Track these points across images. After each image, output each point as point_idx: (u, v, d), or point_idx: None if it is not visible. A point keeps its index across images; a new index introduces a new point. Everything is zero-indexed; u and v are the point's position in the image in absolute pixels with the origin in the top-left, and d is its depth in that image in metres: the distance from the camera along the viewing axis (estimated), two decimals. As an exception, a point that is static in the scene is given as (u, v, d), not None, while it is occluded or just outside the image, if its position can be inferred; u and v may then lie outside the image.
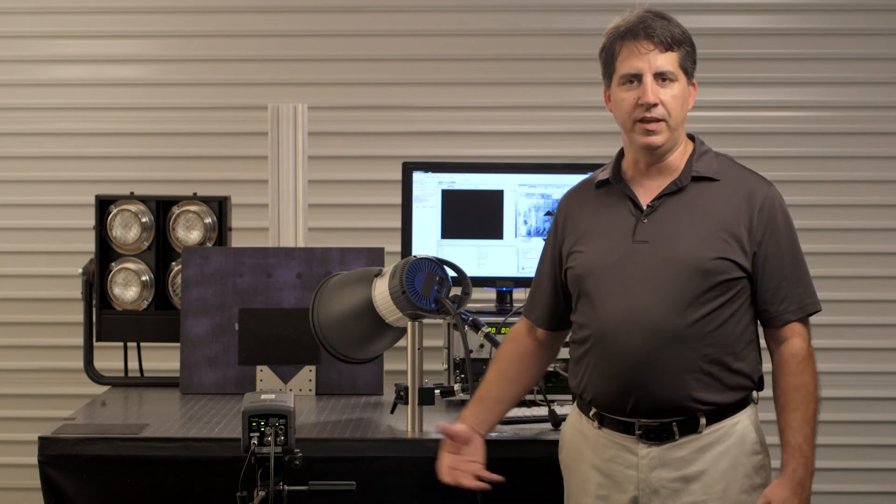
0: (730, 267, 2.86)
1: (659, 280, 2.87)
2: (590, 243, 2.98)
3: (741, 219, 2.88)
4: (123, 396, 4.01)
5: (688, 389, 2.86)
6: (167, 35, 4.89)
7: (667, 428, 2.89)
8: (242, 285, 3.98)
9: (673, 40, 2.90)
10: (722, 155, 3.01)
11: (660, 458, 2.91)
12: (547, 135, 4.82)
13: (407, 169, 4.05)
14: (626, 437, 2.93)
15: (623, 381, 2.89)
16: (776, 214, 2.90)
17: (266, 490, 2.79)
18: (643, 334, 2.86)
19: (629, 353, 2.88)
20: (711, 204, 2.91)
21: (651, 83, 2.88)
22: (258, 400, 2.88)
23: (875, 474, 4.85)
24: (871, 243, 4.84)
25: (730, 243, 2.87)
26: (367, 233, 4.65)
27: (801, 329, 2.92)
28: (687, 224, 2.90)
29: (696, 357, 2.85)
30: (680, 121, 2.93)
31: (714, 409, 2.88)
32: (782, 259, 2.90)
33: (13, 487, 4.84)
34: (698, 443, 2.89)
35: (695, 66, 2.96)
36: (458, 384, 3.57)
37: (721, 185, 2.92)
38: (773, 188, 2.94)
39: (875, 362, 4.84)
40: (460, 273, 3.54)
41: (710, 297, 2.85)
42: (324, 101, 4.75)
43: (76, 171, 4.85)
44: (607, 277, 2.92)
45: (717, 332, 2.86)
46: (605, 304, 2.91)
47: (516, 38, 4.84)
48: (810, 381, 2.89)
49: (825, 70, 4.84)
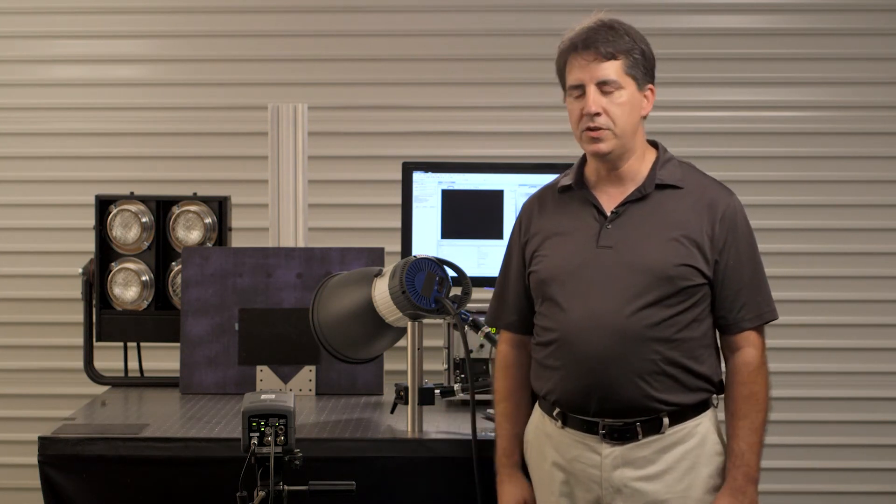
0: (692, 273, 2.90)
1: (622, 284, 2.91)
2: (553, 247, 3.01)
3: (703, 227, 2.93)
4: (123, 396, 4.01)
5: (648, 390, 2.90)
6: (167, 35, 4.89)
7: (631, 428, 2.92)
8: (242, 285, 3.98)
9: (616, 49, 2.92)
10: (685, 163, 3.05)
11: (622, 458, 2.93)
12: (547, 135, 4.82)
13: (407, 169, 4.05)
14: (589, 437, 2.96)
15: (587, 381, 2.93)
16: (737, 223, 2.95)
17: (266, 490, 2.79)
18: (606, 336, 2.90)
19: (593, 355, 2.92)
20: (674, 212, 2.95)
21: (594, 93, 2.93)
22: (258, 400, 2.88)
23: (875, 474, 4.85)
24: (870, 243, 4.84)
25: (692, 250, 2.91)
26: (367, 233, 4.66)
27: (756, 338, 2.96)
28: (650, 230, 2.94)
29: (658, 359, 2.89)
30: (628, 128, 2.95)
31: (676, 410, 2.92)
32: (742, 268, 2.94)
33: (13, 487, 4.84)
34: (661, 443, 2.92)
35: (648, 73, 2.96)
36: (458, 384, 3.56)
37: (684, 193, 2.96)
38: (734, 197, 2.98)
39: (875, 362, 4.84)
40: (460, 273, 3.54)
41: (672, 303, 2.90)
42: (324, 101, 4.75)
43: (76, 171, 4.85)
44: (571, 281, 2.96)
45: (678, 336, 2.90)
46: (570, 307, 2.95)
47: (516, 38, 4.84)
48: (760, 390, 2.93)
49: (825, 70, 4.84)
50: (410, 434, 3.45)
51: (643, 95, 2.96)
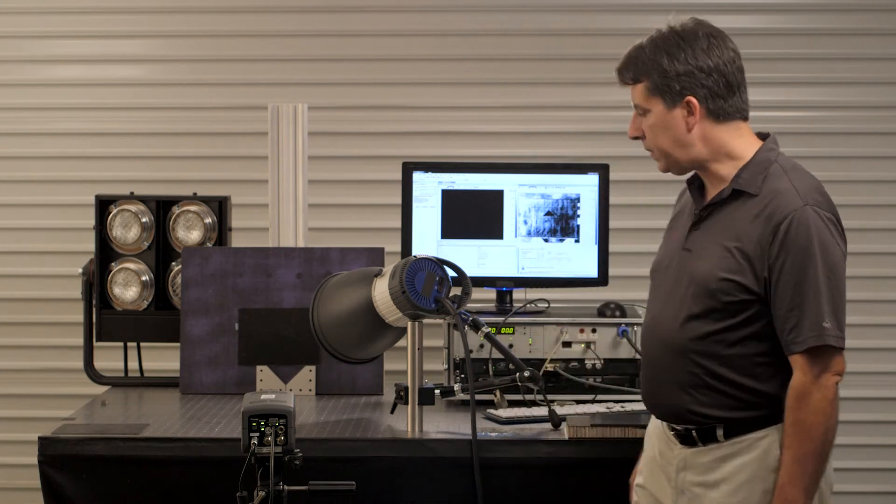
0: (734, 288, 2.79)
1: (681, 293, 2.87)
2: (664, 239, 3.03)
3: (759, 239, 2.77)
4: (123, 396, 4.01)
5: (692, 404, 2.85)
6: (167, 35, 4.88)
7: (689, 434, 2.89)
8: (242, 285, 3.98)
9: (636, 73, 2.88)
10: (784, 165, 2.85)
11: (686, 461, 2.90)
12: (547, 135, 4.82)
13: (407, 169, 4.05)
14: (670, 434, 2.95)
15: (646, 387, 2.97)
16: (791, 236, 2.74)
17: (266, 490, 2.79)
18: (657, 345, 2.91)
19: (648, 362, 2.96)
20: (739, 220, 2.82)
21: (633, 118, 2.94)
22: (258, 400, 2.88)
23: (875, 474, 4.85)
24: (871, 243, 4.83)
25: (742, 264, 2.78)
26: (367, 233, 4.65)
27: (804, 362, 2.74)
28: (715, 239, 2.85)
29: (700, 373, 2.83)
30: (667, 147, 2.89)
31: (731, 423, 2.83)
32: (788, 286, 2.74)
33: (13, 487, 4.84)
34: (720, 451, 2.86)
35: (674, 89, 2.85)
36: (458, 384, 3.56)
37: (756, 201, 2.80)
38: (805, 208, 2.74)
39: (875, 362, 4.83)
40: (460, 273, 3.54)
41: (718, 317, 2.80)
42: (324, 101, 4.75)
43: (76, 171, 4.85)
44: (657, 279, 2.97)
45: (728, 352, 2.81)
46: (649, 308, 2.98)
47: (516, 38, 4.84)
48: (806, 418, 2.73)
49: (825, 70, 4.84)
50: (410, 434, 3.45)
51: (679, 112, 2.86)
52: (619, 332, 3.79)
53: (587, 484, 3.36)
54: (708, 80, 2.85)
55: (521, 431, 3.46)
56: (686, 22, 2.91)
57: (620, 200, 4.40)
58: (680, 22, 2.91)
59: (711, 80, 2.85)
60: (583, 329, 3.81)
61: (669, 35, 2.89)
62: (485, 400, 3.65)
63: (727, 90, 2.86)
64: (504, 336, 3.77)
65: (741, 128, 2.89)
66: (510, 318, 3.80)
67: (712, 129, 2.87)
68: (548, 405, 3.51)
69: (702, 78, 2.85)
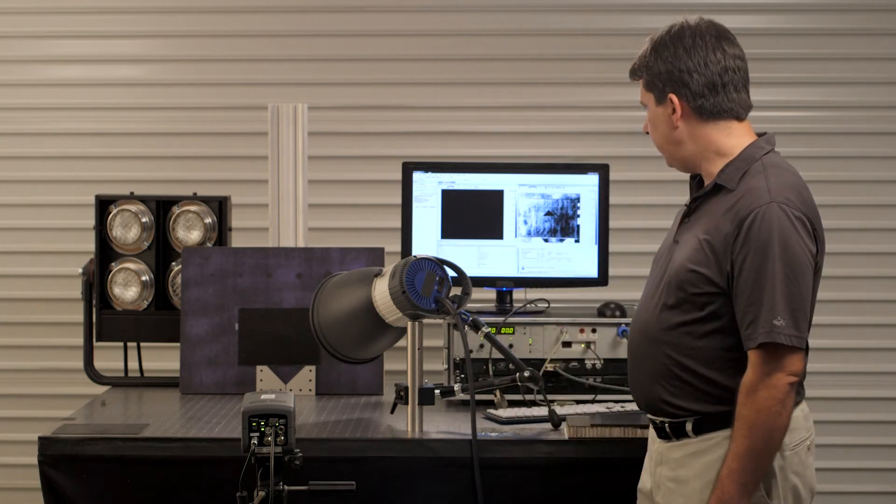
0: (699, 280, 2.80)
1: (658, 284, 2.92)
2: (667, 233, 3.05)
3: (726, 233, 2.77)
4: (123, 396, 4.01)
5: (662, 393, 2.87)
6: (167, 35, 4.88)
7: (663, 428, 2.91)
8: (242, 285, 3.98)
9: (636, 69, 2.95)
10: (765, 162, 2.85)
11: (662, 455, 2.93)
12: (547, 135, 4.82)
13: (407, 169, 4.05)
14: (651, 427, 2.99)
15: (629, 376, 3.01)
16: (757, 233, 2.73)
17: (266, 490, 2.79)
18: (637, 334, 2.96)
19: (630, 351, 3.00)
20: (714, 214, 2.84)
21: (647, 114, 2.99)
22: (258, 400, 2.88)
23: (875, 474, 4.85)
24: (871, 243, 4.83)
25: (708, 256, 2.80)
26: (367, 233, 4.66)
27: (756, 359, 2.72)
28: (694, 232, 2.88)
29: (670, 363, 2.85)
30: (662, 142, 2.94)
31: (700, 419, 2.84)
32: (748, 282, 2.74)
33: (13, 487, 4.84)
34: (690, 447, 2.87)
35: (659, 85, 2.88)
36: (458, 384, 3.56)
37: (731, 196, 2.82)
38: (771, 205, 2.74)
39: (875, 362, 4.84)
40: (460, 273, 3.54)
41: (687, 308, 2.83)
42: (324, 101, 4.75)
43: (76, 171, 4.85)
44: (650, 273, 3.01)
45: (697, 344, 2.82)
46: (641, 298, 3.01)
47: (516, 38, 4.84)
48: (750, 415, 2.71)
49: (825, 70, 4.84)
50: (410, 434, 3.45)
51: (666, 109, 2.89)
52: (618, 332, 3.79)
53: (587, 484, 3.36)
54: (689, 78, 2.87)
55: (521, 431, 3.46)
56: (691, 20, 2.93)
57: (620, 200, 4.41)
58: (688, 20, 2.93)
59: (692, 79, 2.87)
60: (583, 329, 3.81)
61: (663, 33, 2.92)
62: (485, 400, 3.65)
63: (709, 90, 2.87)
64: (504, 336, 3.77)
65: (731, 126, 2.90)
66: (510, 318, 3.80)
67: (699, 128, 2.90)
68: (548, 405, 3.51)
69: (682, 76, 2.87)
